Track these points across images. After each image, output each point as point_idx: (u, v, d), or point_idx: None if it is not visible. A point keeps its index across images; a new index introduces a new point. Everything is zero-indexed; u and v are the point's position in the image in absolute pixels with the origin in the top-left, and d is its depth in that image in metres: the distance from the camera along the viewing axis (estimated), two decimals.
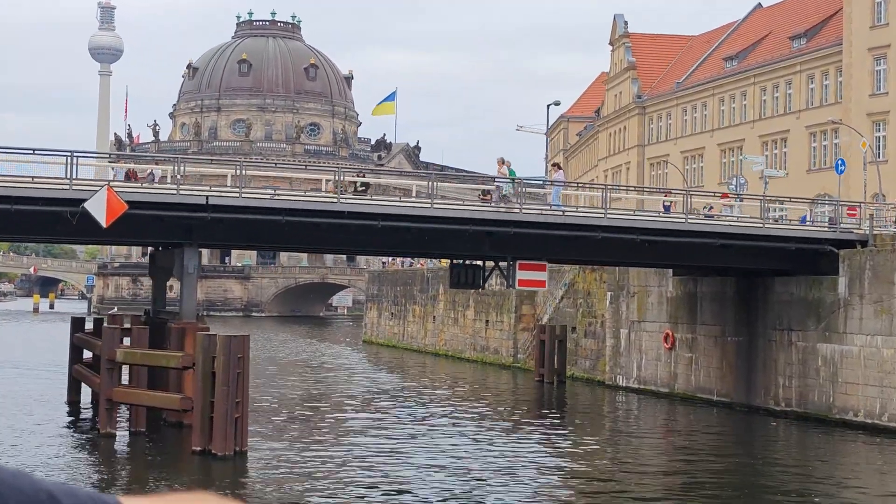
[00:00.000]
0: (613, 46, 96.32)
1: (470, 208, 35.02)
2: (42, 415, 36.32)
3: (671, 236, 36.64)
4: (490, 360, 63.67)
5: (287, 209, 32.38)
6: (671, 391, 46.02)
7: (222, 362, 27.11)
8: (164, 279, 38.83)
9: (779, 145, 72.76)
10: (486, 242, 36.04)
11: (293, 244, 34.46)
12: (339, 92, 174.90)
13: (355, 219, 33.16)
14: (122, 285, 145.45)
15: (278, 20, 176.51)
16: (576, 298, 55.18)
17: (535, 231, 35.40)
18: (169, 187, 32.49)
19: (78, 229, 31.55)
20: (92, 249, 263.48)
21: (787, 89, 72.55)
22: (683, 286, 45.63)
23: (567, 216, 35.33)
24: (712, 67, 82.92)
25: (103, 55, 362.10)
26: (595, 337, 53.00)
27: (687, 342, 45.29)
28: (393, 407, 42.66)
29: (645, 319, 47.91)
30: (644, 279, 48.01)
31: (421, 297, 75.98)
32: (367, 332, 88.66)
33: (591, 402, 47.82)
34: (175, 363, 28.42)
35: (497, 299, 63.68)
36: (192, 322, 33.04)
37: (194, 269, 33.28)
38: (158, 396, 29.24)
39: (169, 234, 33.15)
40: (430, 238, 35.25)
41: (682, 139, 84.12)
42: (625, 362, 49.26)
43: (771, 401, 40.72)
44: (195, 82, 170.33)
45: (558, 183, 38.42)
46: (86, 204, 29.74)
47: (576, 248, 37.07)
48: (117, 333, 30.66)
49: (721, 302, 43.54)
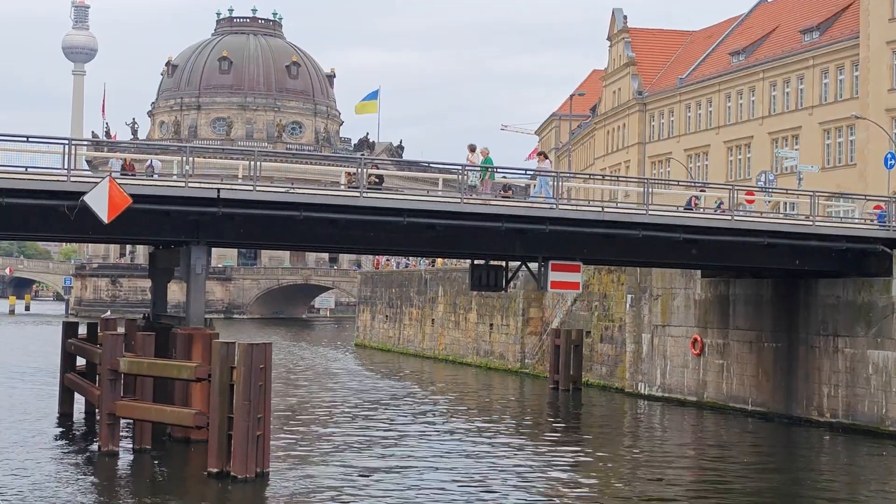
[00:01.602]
0: (612, 42, 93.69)
1: (504, 204, 32.18)
2: (32, 428, 33.28)
3: (715, 235, 33.91)
4: (495, 366, 60.88)
5: (305, 204, 29.50)
6: (700, 400, 43.33)
7: (242, 373, 24.20)
8: (166, 281, 35.81)
9: (790, 142, 70.22)
10: (516, 241, 33.25)
11: (309, 242, 31.63)
12: (322, 90, 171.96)
13: (379, 215, 30.33)
14: (100, 287, 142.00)
15: (259, 17, 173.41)
16: (590, 301, 52.43)
17: (570, 229, 32.63)
18: (176, 180, 29.47)
19: (75, 225, 28.61)
20: (66, 250, 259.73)
21: (799, 84, 70.03)
22: (714, 288, 42.93)
23: (606, 213, 32.54)
24: (717, 63, 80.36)
25: (77, 54, 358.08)
26: (612, 342, 50.27)
27: (718, 348, 42.59)
28: (410, 417, 39.83)
29: (670, 324, 45.20)
30: (669, 281, 45.32)
31: (418, 300, 73.08)
32: (359, 336, 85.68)
33: (612, 410, 45.10)
34: (188, 374, 25.45)
35: (503, 301, 60.89)
36: (200, 328, 30.12)
37: (202, 269, 30.36)
38: (168, 411, 26.24)
39: (175, 231, 30.16)
40: (457, 236, 32.43)
41: (685, 136, 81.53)
42: (647, 369, 46.54)
43: (814, 411, 38.08)
44: (174, 80, 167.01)
45: (546, 174, 34.84)
46: (85, 197, 26.84)
47: (612, 248, 34.29)
48: (120, 341, 27.65)
49: (757, 305, 40.87)
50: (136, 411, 26.86)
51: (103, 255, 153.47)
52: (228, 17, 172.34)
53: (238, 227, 30.38)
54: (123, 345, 27.80)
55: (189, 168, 28.90)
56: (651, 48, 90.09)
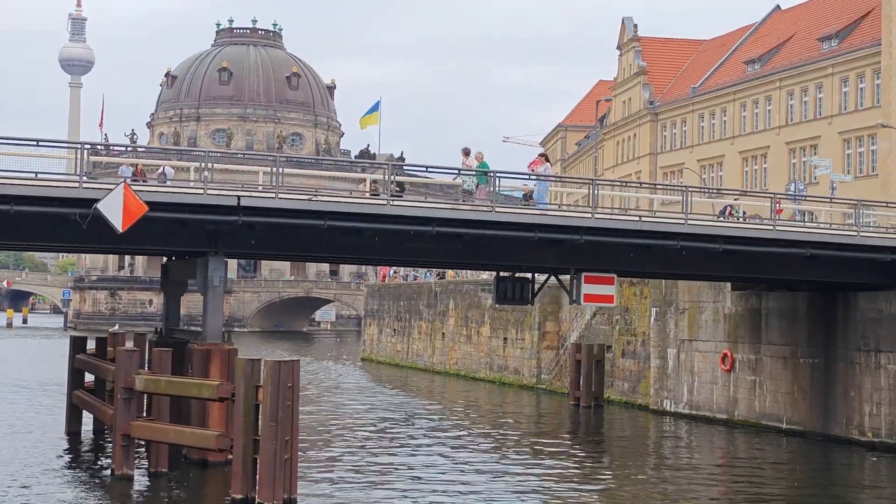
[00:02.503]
0: (622, 51, 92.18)
1: (537, 213, 30.58)
2: (39, 448, 31.57)
3: (757, 245, 32.30)
4: (509, 381, 59.20)
5: (329, 212, 27.89)
6: (730, 417, 41.70)
7: (269, 393, 22.55)
8: (179, 293, 34.12)
9: (808, 152, 68.67)
10: (548, 252, 31.64)
11: (332, 253, 30.04)
12: (322, 101, 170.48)
13: (407, 224, 28.73)
14: (99, 299, 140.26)
15: (259, 28, 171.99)
16: (611, 315, 50.78)
17: (606, 239, 31.02)
18: (194, 187, 27.85)
19: (86, 235, 27.01)
20: (63, 262, 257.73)
21: (818, 93, 68.51)
22: (745, 302, 41.34)
23: (644, 222, 30.94)
24: (731, 71, 78.85)
25: (74, 67, 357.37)
26: (635, 357, 48.62)
27: (749, 363, 40.99)
28: (433, 437, 38.18)
29: (698, 338, 43.60)
30: (696, 294, 43.74)
31: (428, 313, 71.41)
32: (365, 350, 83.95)
33: (637, 428, 43.46)
34: (209, 393, 23.78)
35: (517, 315, 59.26)
36: (218, 343, 28.51)
37: (220, 281, 28.74)
38: (188, 433, 24.54)
39: (191, 241, 28.55)
40: (486, 246, 30.83)
41: (698, 147, 79.96)
42: (673, 385, 44.91)
43: (854, 430, 36.46)
44: (174, 91, 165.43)
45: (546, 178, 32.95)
46: (99, 204, 25.23)
47: (648, 259, 32.65)
48: (135, 357, 25.97)
49: (791, 319, 39.28)
50: (153, 433, 25.18)
51: (102, 267, 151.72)
52: (228, 28, 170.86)
53: (258, 236, 28.77)
54: (139, 361, 26.09)
55: (208, 174, 27.29)
56: (662, 57, 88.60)
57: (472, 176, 30.87)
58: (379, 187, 33.20)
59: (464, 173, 30.99)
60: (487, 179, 30.83)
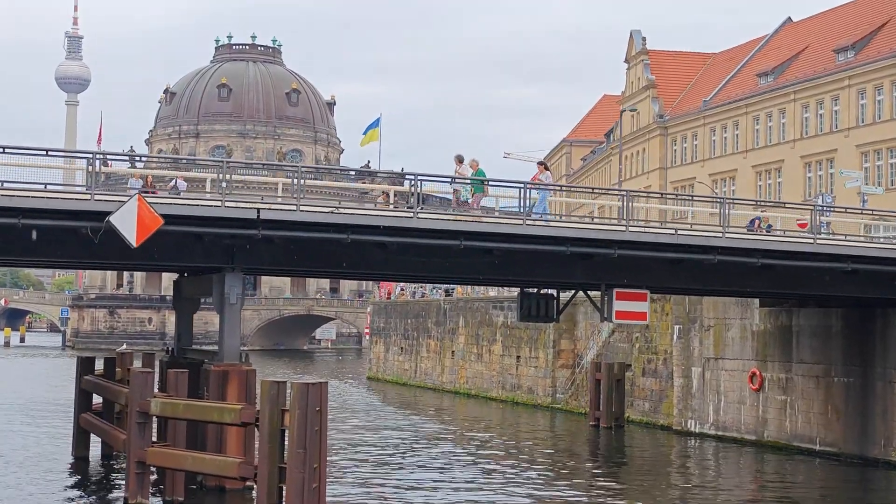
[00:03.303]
0: (630, 64, 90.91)
1: (568, 226, 29.22)
2: (45, 474, 30.06)
3: (796, 260, 30.88)
4: (522, 401, 57.70)
5: (353, 226, 26.48)
6: (759, 439, 40.24)
7: (297, 417, 21.08)
8: (191, 311, 32.63)
9: (824, 165, 67.39)
10: (578, 267, 30.22)
11: (353, 269, 28.53)
12: (322, 118, 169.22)
13: (435, 237, 27.33)
14: (98, 318, 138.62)
15: (258, 44, 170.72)
16: (630, 332, 49.33)
17: (639, 253, 29.61)
18: (211, 199, 26.42)
19: (96, 250, 25.60)
20: (60, 281, 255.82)
21: (834, 105, 67.21)
22: (774, 318, 39.92)
23: (680, 235, 29.52)
24: (743, 84, 77.57)
25: (70, 85, 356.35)
26: (656, 376, 47.16)
27: (779, 383, 39.55)
28: (454, 459, 36.76)
29: (724, 356, 42.17)
30: (722, 310, 42.32)
31: (437, 331, 69.90)
32: (371, 368, 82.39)
33: (662, 449, 42.02)
34: (231, 418, 22.30)
35: (531, 333, 57.79)
36: (236, 363, 27.05)
37: (237, 298, 27.31)
38: (208, 460, 23.03)
39: (207, 256, 27.10)
40: (513, 262, 29.40)
41: (710, 161, 78.62)
42: (698, 405, 43.45)
43: (893, 452, 35.02)
44: (173, 107, 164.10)
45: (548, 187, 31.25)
46: (111, 218, 23.83)
47: (681, 274, 31.24)
48: (150, 379, 24.49)
49: (824, 337, 37.85)
50: (170, 459, 23.67)
51: (100, 285, 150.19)
52: (227, 45, 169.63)
53: (277, 251, 27.37)
54: (154, 384, 24.61)
55: (226, 185, 25.87)
56: (671, 70, 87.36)
57: (467, 185, 29.21)
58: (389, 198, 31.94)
59: (464, 182, 29.22)
60: (484, 189, 29.30)
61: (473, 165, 29.85)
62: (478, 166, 29.99)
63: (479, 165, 30.29)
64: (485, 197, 30.29)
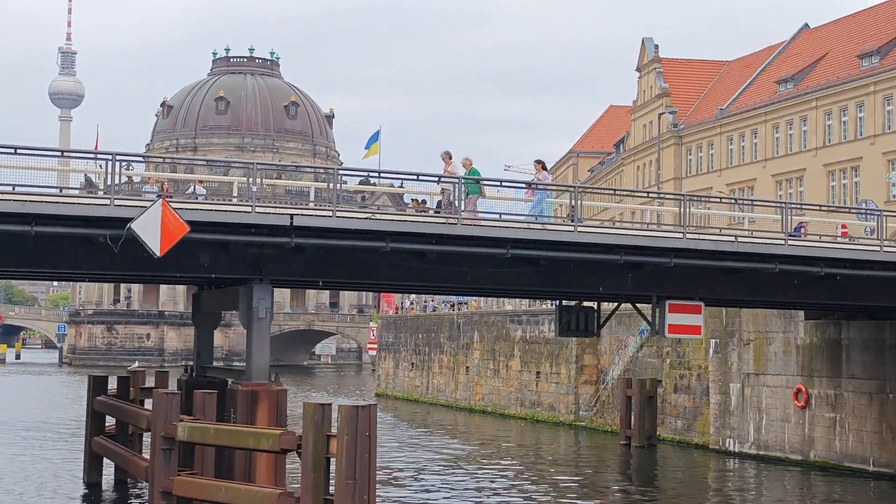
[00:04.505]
0: (641, 72, 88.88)
1: (620, 233, 27.14)
2: (57, 503, 27.89)
3: (864, 269, 28.81)
4: (543, 418, 55.54)
5: (393, 233, 24.38)
6: (805, 458, 38.14)
7: (345, 443, 18.95)
8: (212, 326, 30.46)
9: (848, 174, 65.34)
10: (626, 277, 28.14)
11: (390, 280, 26.42)
12: (321, 131, 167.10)
13: (480, 245, 25.22)
14: (95, 334, 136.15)
15: (256, 56, 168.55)
16: (660, 347, 47.25)
17: (696, 262, 27.55)
18: (239, 204, 24.28)
19: (112, 260, 23.47)
20: (54, 297, 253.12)
21: (858, 113, 65.18)
22: (821, 332, 37.86)
23: (740, 243, 27.44)
24: (761, 92, 75.54)
25: (63, 100, 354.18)
26: (689, 392, 45.05)
27: (828, 399, 37.46)
28: (490, 482, 34.63)
29: (766, 372, 40.09)
30: (763, 323, 40.26)
31: (450, 346, 67.74)
32: (380, 385, 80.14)
33: (699, 470, 39.91)
34: (270, 444, 20.12)
35: (551, 348, 55.71)
36: (265, 383, 24.87)
37: (266, 312, 25.12)
38: (244, 491, 20.78)
39: (233, 267, 24.93)
40: (559, 272, 27.30)
41: (727, 170, 76.53)
42: (737, 423, 41.34)
43: None
44: (170, 121, 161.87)
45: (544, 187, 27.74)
46: (133, 224, 21.69)
47: (738, 285, 29.16)
48: (176, 401, 22.31)
49: (877, 351, 35.79)
50: (200, 490, 21.46)
51: (96, 300, 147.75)
52: (225, 57, 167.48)
53: (309, 261, 25.18)
54: (180, 406, 22.43)
55: (256, 189, 23.75)
56: (684, 78, 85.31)
57: (456, 184, 25.09)
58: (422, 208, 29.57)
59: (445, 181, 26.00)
60: (481, 189, 26.55)
61: (466, 164, 26.81)
62: (471, 165, 26.88)
63: (473, 164, 26.96)
64: (480, 199, 27.23)
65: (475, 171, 26.64)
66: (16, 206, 21.55)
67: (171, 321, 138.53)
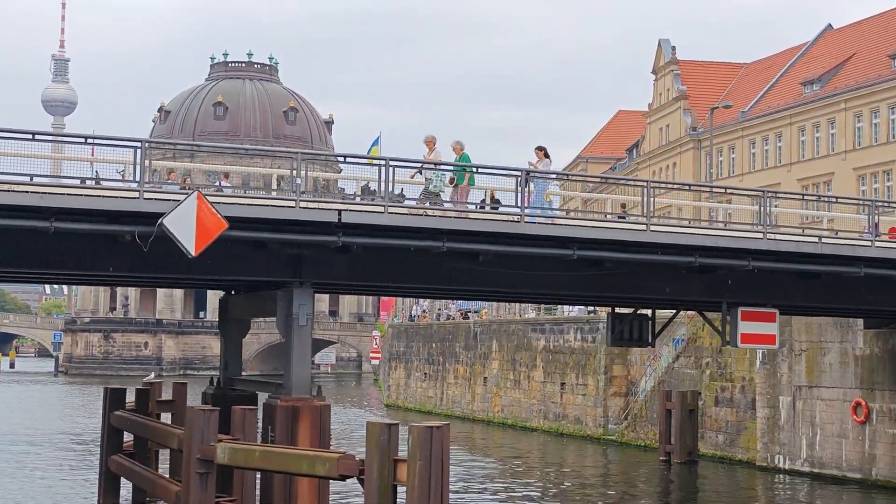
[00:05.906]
0: (658, 75, 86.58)
1: (695, 232, 24.76)
2: None
3: None
4: (568, 431, 53.03)
5: (451, 231, 21.93)
6: (866, 477, 35.69)
7: (419, 470, 16.46)
8: (241, 334, 27.95)
9: (880, 178, 63.03)
10: (694, 281, 25.74)
11: (440, 284, 23.99)
12: (320, 137, 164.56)
13: (543, 246, 22.80)
14: (92, 342, 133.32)
15: (255, 61, 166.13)
16: (699, 357, 44.81)
17: (772, 265, 25.14)
18: (282, 198, 21.78)
19: (132, 262, 21.06)
20: (48, 304, 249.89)
21: (890, 114, 62.92)
22: (883, 341, 35.45)
23: (825, 244, 25.03)
24: (785, 94, 73.24)
25: (56, 108, 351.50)
26: (732, 405, 42.59)
27: (891, 414, 35.03)
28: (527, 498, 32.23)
29: (820, 384, 37.64)
30: (817, 332, 37.84)
31: (466, 355, 65.19)
32: (390, 395, 77.54)
33: (748, 489, 37.47)
34: (326, 469, 17.57)
35: (577, 358, 53.23)
36: (306, 398, 22.41)
37: (307, 319, 22.65)
38: None
39: (270, 269, 22.47)
40: (622, 276, 24.89)
41: (750, 175, 74.19)
42: (787, 438, 38.88)
43: None
44: (167, 126, 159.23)
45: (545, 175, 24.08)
46: (165, 220, 19.21)
47: (815, 291, 26.77)
48: (213, 419, 19.76)
49: None
50: None
51: (92, 308, 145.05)
52: (223, 62, 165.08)
53: (354, 262, 22.70)
54: (217, 425, 19.89)
55: (301, 182, 21.29)
56: (702, 81, 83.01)
57: (443, 173, 22.95)
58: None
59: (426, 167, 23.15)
60: (472, 177, 23.22)
61: (457, 148, 23.91)
62: (462, 150, 23.88)
63: (465, 150, 23.87)
64: (473, 189, 23.83)
65: (466, 157, 23.84)
66: (34, 200, 19.10)
67: (168, 329, 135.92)
